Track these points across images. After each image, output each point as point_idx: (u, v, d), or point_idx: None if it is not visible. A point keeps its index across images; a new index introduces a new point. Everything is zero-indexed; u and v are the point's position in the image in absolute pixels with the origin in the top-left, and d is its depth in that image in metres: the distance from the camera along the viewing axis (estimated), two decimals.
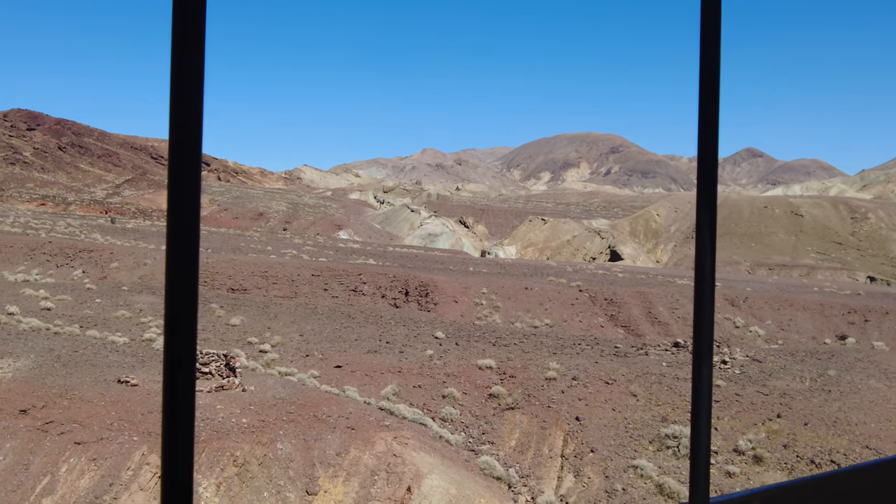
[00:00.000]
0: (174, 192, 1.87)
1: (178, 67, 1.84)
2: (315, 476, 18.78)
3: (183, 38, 1.86)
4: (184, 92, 1.84)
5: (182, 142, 1.87)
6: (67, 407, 20.23)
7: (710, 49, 3.18)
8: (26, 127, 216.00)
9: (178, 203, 1.84)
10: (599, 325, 45.50)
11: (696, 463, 3.18)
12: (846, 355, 29.64)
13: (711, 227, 3.13)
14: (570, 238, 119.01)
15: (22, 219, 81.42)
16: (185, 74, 1.85)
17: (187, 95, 1.85)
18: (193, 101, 1.85)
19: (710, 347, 3.03)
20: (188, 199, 1.88)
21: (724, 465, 21.56)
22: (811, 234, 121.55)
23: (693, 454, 3.18)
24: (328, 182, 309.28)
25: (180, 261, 1.82)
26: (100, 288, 40.96)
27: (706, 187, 3.10)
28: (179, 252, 1.83)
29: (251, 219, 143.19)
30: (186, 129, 1.86)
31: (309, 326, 33.58)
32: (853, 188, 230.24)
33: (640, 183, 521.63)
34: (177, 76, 1.83)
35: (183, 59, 1.84)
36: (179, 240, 1.83)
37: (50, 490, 17.79)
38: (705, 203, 3.08)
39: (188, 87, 1.84)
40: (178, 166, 1.85)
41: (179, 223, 1.82)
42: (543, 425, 24.01)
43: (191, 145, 1.88)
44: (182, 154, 1.87)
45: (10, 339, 26.13)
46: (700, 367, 3.09)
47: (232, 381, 22.33)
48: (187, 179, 1.87)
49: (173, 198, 1.87)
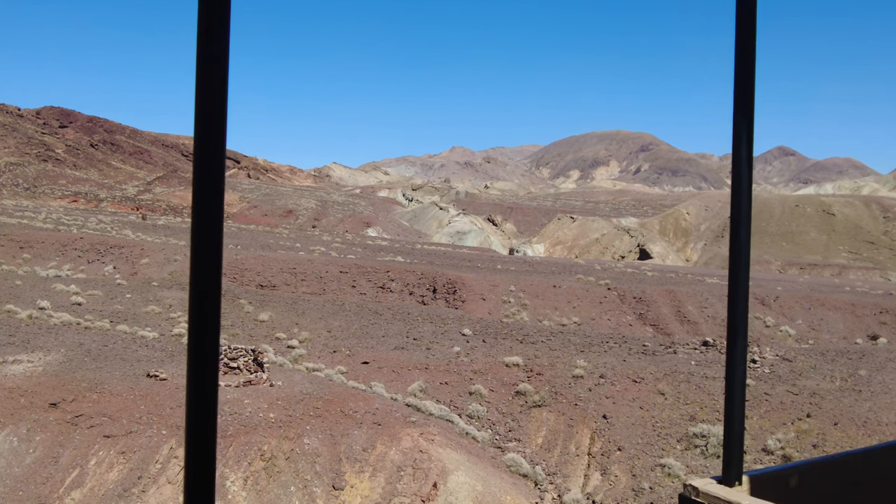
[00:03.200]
0: (199, 191, 1.91)
1: (204, 67, 1.88)
2: (341, 471, 18.82)
3: (208, 36, 1.89)
4: (208, 91, 1.88)
5: (206, 141, 1.91)
6: (97, 401, 20.40)
7: (745, 47, 3.18)
8: (59, 124, 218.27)
9: (203, 202, 1.89)
10: (628, 323, 45.26)
11: (730, 432, 3.22)
12: (877, 355, 29.28)
13: (747, 216, 3.14)
14: (599, 236, 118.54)
15: (54, 215, 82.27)
16: (210, 75, 1.88)
17: (211, 94, 1.89)
18: (218, 100, 1.89)
19: (745, 319, 3.12)
20: (212, 199, 1.91)
21: (753, 464, 21.34)
22: (843, 233, 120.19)
23: (727, 424, 3.22)
24: (357, 180, 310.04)
25: (203, 256, 1.88)
26: (130, 283, 41.32)
27: (740, 187, 3.13)
28: (203, 248, 1.88)
29: (280, 216, 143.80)
30: (211, 128, 1.90)
31: (336, 323, 33.67)
32: (886, 187, 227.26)
33: (670, 181, 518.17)
34: (202, 76, 1.88)
35: (208, 59, 1.88)
36: (204, 237, 1.88)
37: (79, 483, 17.94)
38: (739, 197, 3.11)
39: (212, 86, 1.88)
40: (202, 166, 1.90)
41: (204, 220, 1.88)
42: (570, 423, 23.91)
43: (215, 143, 1.92)
44: (206, 153, 1.91)
45: (40, 333, 26.41)
46: (735, 338, 3.17)
47: (260, 376, 22.43)
48: (211, 179, 1.91)
49: (198, 197, 1.90)
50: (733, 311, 3.17)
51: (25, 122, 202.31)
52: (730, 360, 3.21)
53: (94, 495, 17.66)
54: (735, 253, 3.14)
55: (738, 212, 3.13)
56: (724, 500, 3.11)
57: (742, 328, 3.17)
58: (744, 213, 3.13)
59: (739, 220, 3.12)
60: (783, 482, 3.36)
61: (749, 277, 3.17)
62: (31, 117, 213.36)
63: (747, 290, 3.15)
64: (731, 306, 3.17)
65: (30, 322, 28.49)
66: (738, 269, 3.14)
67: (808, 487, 3.42)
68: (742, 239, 3.12)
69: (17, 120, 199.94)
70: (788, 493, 3.32)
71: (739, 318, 3.17)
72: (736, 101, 3.14)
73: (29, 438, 19.03)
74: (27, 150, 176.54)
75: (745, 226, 3.14)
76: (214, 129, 1.92)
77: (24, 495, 17.63)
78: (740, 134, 3.13)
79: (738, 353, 3.18)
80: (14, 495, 17.63)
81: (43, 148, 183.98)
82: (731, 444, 3.24)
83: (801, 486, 3.38)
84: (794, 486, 3.37)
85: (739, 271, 3.14)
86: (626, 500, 20.57)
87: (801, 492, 3.37)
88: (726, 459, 3.25)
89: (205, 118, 1.92)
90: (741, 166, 3.13)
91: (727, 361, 3.21)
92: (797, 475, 3.43)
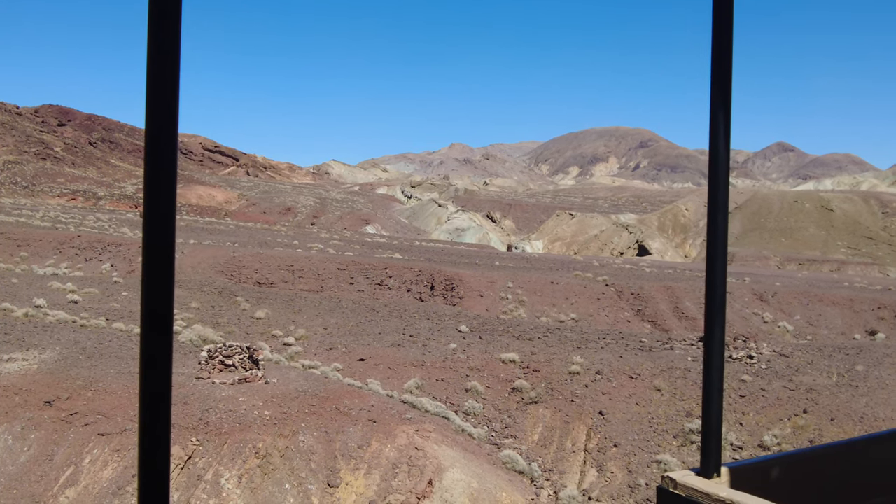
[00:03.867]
0: (150, 186, 1.88)
1: (154, 63, 1.85)
2: (336, 468, 18.79)
3: (158, 34, 1.86)
4: (159, 86, 1.85)
5: (156, 136, 1.87)
6: (92, 399, 20.36)
7: (722, 34, 3.19)
8: (57, 122, 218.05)
9: (155, 196, 1.86)
10: (626, 319, 45.21)
11: (707, 422, 3.21)
12: (874, 350, 29.24)
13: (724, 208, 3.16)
14: (598, 233, 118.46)
15: (52, 213, 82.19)
16: (160, 69, 1.85)
17: (162, 90, 1.86)
18: (169, 96, 1.86)
19: (723, 310, 3.16)
20: (164, 193, 1.88)
21: None
22: (842, 228, 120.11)
23: (705, 415, 3.23)
24: (356, 177, 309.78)
25: (156, 249, 1.86)
26: (126, 281, 41.26)
27: (717, 174, 3.14)
28: (155, 241, 1.86)
29: (279, 213, 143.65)
30: (161, 123, 1.87)
31: (333, 320, 33.61)
32: (885, 183, 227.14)
33: (669, 177, 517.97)
34: (152, 71, 1.85)
35: (158, 54, 1.85)
36: (155, 231, 1.86)
37: (73, 481, 17.91)
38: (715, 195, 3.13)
39: (163, 83, 1.86)
40: (154, 159, 1.87)
41: (155, 214, 1.86)
42: (567, 420, 23.88)
43: (166, 136, 1.88)
44: (158, 146, 1.87)
45: (36, 331, 26.36)
46: (712, 328, 3.19)
47: (255, 373, 22.39)
48: (163, 173, 1.87)
49: (149, 191, 1.88)
50: (711, 301, 3.14)
51: (24, 121, 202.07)
52: (707, 351, 3.19)
53: (89, 493, 17.62)
54: (712, 243, 3.13)
55: (715, 200, 3.11)
56: (702, 491, 3.08)
57: (720, 319, 3.14)
58: (721, 201, 3.11)
59: (717, 208, 3.10)
60: (763, 474, 3.34)
61: (727, 267, 3.17)
62: (30, 115, 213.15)
63: (725, 280, 3.13)
64: (708, 297, 3.15)
65: (25, 320, 28.45)
66: (714, 258, 3.13)
67: (788, 479, 3.40)
68: (720, 227, 3.10)
69: (15, 118, 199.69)
70: (768, 485, 3.29)
71: (717, 308, 3.14)
72: (713, 88, 3.13)
73: (23, 437, 18.99)
74: (25, 149, 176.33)
75: (722, 214, 3.12)
76: (166, 122, 1.89)
77: (19, 493, 17.59)
78: (717, 124, 3.12)
79: (715, 344, 3.15)
80: (8, 493, 17.59)
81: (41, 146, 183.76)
82: (708, 435, 3.21)
83: (781, 478, 3.37)
84: (774, 477, 3.35)
85: (716, 261, 3.12)
86: (622, 497, 20.55)
87: (781, 483, 3.35)
88: (704, 451, 3.22)
89: (155, 111, 1.88)
90: (718, 154, 3.11)
91: (704, 352, 3.19)
92: (777, 467, 3.41)
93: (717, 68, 3.12)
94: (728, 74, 3.09)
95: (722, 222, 3.10)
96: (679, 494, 3.16)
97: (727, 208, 3.15)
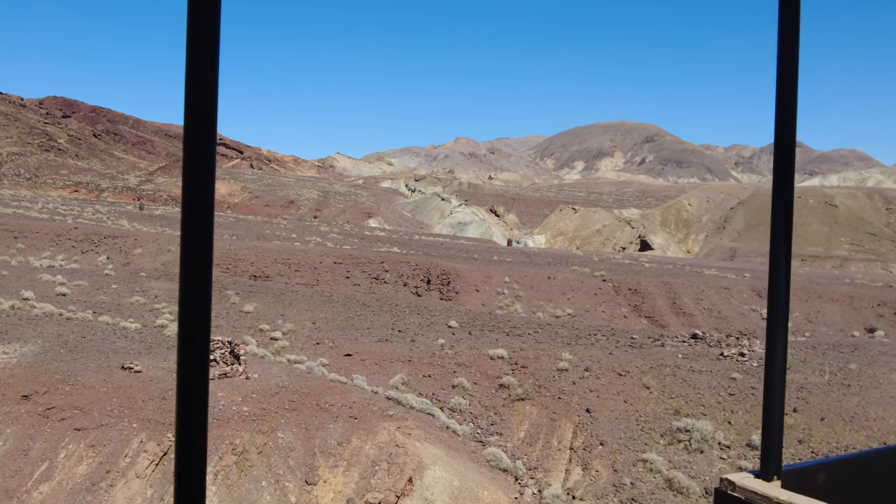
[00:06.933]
0: (188, 186, 1.86)
1: (193, 56, 1.84)
2: (315, 466, 18.53)
3: (198, 27, 1.85)
4: (198, 81, 1.84)
5: (196, 134, 1.86)
6: (69, 393, 20.14)
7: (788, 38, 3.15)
8: (61, 114, 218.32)
9: (193, 194, 1.85)
10: (622, 315, 44.92)
11: (769, 425, 3.19)
12: (870, 348, 28.92)
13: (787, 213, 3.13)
14: (601, 227, 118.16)
15: (50, 205, 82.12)
16: (200, 63, 1.85)
17: (201, 85, 1.85)
18: (208, 90, 1.84)
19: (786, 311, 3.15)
20: (202, 193, 1.87)
21: (737, 459, 21.01)
22: (845, 224, 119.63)
23: (766, 417, 3.19)
24: (361, 170, 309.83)
25: (194, 248, 1.86)
26: (118, 274, 41.05)
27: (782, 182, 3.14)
28: (194, 241, 1.86)
29: (282, 206, 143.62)
30: (201, 120, 1.86)
31: (322, 314, 33.32)
32: (890, 179, 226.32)
33: (674, 172, 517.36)
34: (192, 64, 1.84)
35: (198, 48, 1.85)
36: (194, 231, 1.86)
37: (48, 476, 17.68)
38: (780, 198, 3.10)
39: (202, 77, 1.84)
40: (192, 157, 1.85)
41: (195, 211, 1.86)
42: (553, 417, 23.59)
43: (205, 135, 1.87)
44: (195, 144, 1.86)
45: (20, 324, 26.15)
46: (775, 330, 3.12)
47: (236, 368, 22.14)
48: (202, 172, 1.86)
49: (188, 190, 1.86)
50: (774, 302, 3.17)
51: (28, 112, 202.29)
52: (770, 353, 3.19)
53: (63, 489, 17.39)
54: (776, 246, 3.20)
55: (779, 203, 3.21)
56: (762, 494, 3.14)
57: (783, 320, 3.17)
58: (784, 204, 3.21)
59: (779, 211, 3.20)
60: (820, 476, 3.39)
61: (790, 270, 3.19)
62: (34, 107, 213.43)
63: (788, 282, 3.16)
64: (771, 298, 3.18)
65: (11, 313, 28.22)
66: (778, 261, 3.18)
67: (846, 482, 3.45)
68: (781, 231, 3.19)
69: (19, 110, 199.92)
70: (819, 489, 3.32)
71: (780, 309, 3.16)
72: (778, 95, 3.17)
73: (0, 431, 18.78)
74: (29, 140, 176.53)
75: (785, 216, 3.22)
76: (206, 124, 1.87)
77: None
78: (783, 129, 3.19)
79: (778, 346, 3.16)
80: None
81: (45, 138, 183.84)
82: (769, 438, 3.24)
83: (839, 481, 3.41)
84: (832, 480, 3.39)
85: (779, 264, 3.18)
86: (607, 496, 20.26)
87: (839, 486, 3.39)
88: (765, 454, 3.24)
89: (195, 113, 1.86)
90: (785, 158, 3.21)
91: (766, 353, 3.19)
92: (834, 469, 3.47)
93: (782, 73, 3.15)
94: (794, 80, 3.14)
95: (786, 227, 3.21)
96: (738, 497, 3.20)
97: (791, 213, 3.26)
